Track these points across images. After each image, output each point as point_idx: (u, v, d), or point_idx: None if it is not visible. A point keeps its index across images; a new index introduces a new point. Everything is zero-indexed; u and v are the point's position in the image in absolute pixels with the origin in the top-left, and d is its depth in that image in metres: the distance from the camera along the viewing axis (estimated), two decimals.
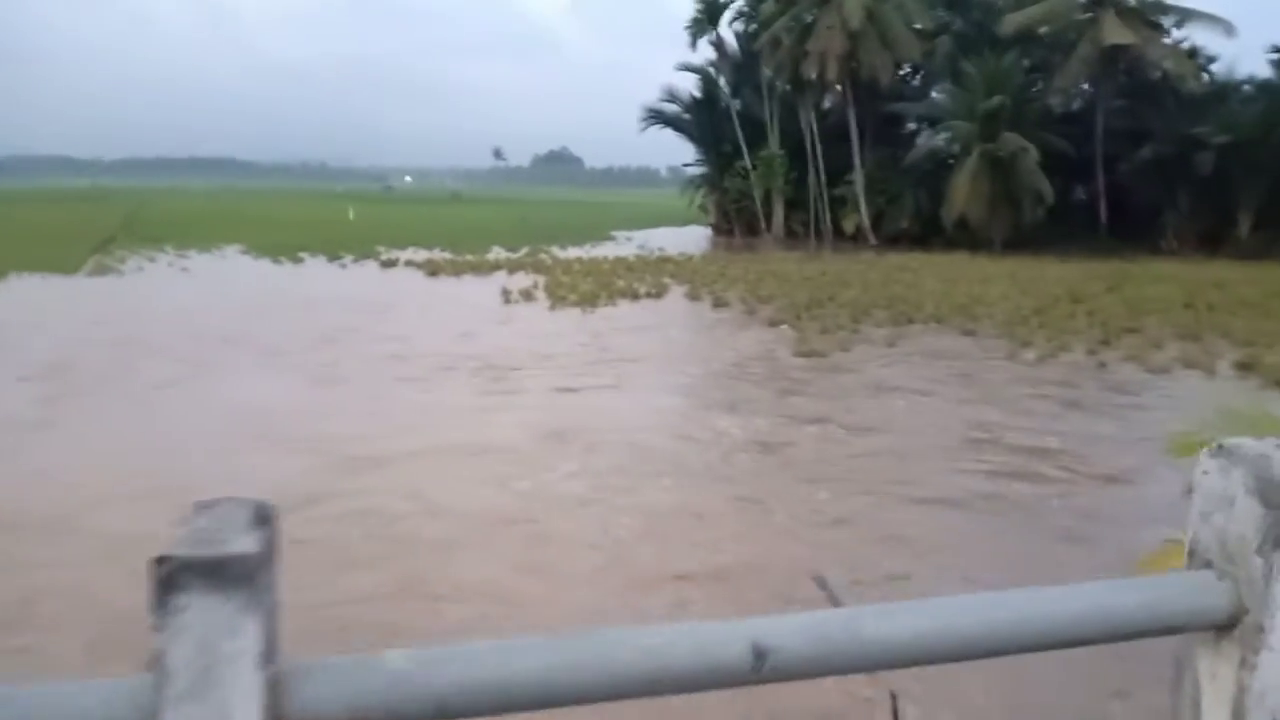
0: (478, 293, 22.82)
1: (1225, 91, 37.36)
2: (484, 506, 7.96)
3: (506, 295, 21.39)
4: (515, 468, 8.95)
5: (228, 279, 25.84)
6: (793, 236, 44.75)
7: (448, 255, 32.76)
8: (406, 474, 8.75)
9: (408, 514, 7.71)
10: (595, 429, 10.43)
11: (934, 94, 42.64)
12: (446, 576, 6.55)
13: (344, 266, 29.60)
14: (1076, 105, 40.69)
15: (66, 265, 26.26)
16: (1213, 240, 35.90)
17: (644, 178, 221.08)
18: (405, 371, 13.42)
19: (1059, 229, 38.09)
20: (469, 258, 31.65)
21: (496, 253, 34.53)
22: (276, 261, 30.44)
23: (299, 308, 19.95)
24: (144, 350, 14.51)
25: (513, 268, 28.48)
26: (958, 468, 9.21)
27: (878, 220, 41.67)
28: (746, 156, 44.92)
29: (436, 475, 8.76)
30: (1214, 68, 39.01)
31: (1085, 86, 39.89)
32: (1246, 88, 37.54)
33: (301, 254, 32.08)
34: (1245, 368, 13.53)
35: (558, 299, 21.03)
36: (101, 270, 26.57)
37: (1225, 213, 36.05)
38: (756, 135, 44.61)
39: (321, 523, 7.22)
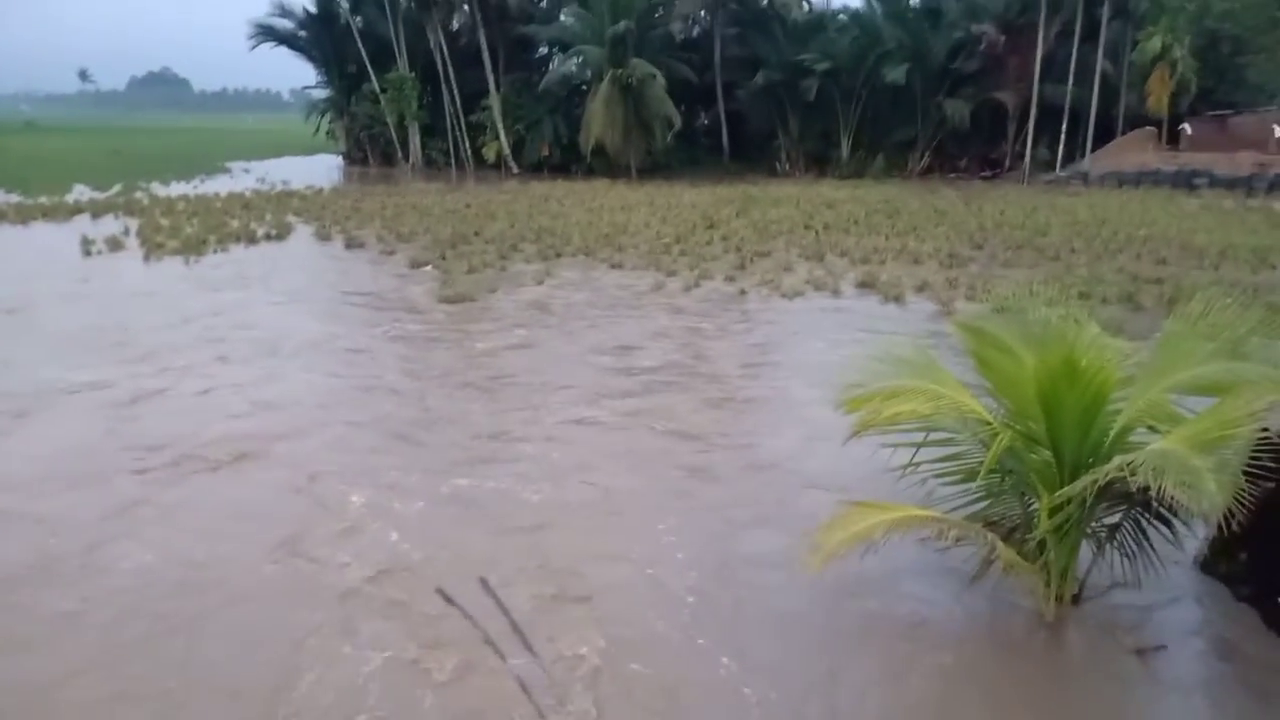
0: (50, 243, 18.90)
1: (824, 21, 40.55)
2: None
3: (87, 245, 17.83)
4: None
5: None
6: (433, 165, 42.75)
7: (15, 198, 27.18)
8: None
9: None
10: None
11: (563, 17, 42.13)
12: None
13: None
14: (696, 33, 42.26)
15: None
16: (820, 161, 39.27)
17: (264, 101, 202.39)
18: None
19: (688, 154, 39.75)
20: (43, 200, 26.41)
21: (80, 193, 29.22)
22: None
23: None
24: None
25: (99, 211, 24.05)
26: (599, 383, 8.81)
27: (518, 148, 40.88)
28: (374, 79, 41.80)
29: None
30: None
31: (703, 14, 41.45)
32: (842, 17, 41.04)
33: None
34: (865, 286, 14.40)
35: (154, 246, 17.86)
36: None
37: (829, 135, 39.51)
38: (384, 56, 41.59)
39: None
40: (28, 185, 30.60)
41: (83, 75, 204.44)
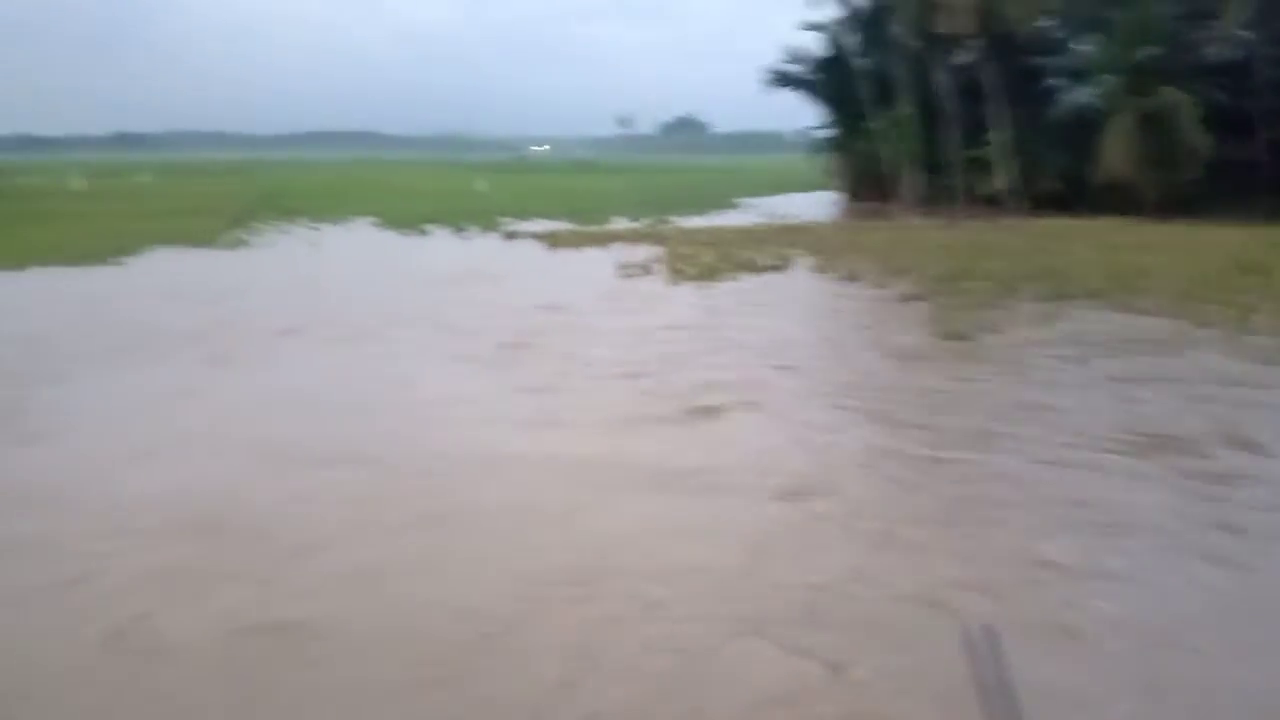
0: (594, 266, 22.59)
1: None
2: None
3: (623, 269, 21.10)
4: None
5: (351, 253, 27.18)
6: (927, 201, 42.84)
7: (571, 226, 32.68)
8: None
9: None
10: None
11: (1075, 46, 39.83)
12: None
13: (467, 239, 29.89)
14: (1233, 54, 37.37)
15: (204, 238, 28.17)
16: None
17: (768, 142, 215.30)
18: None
19: (1214, 189, 35.19)
20: (591, 229, 31.46)
21: (619, 223, 34.24)
22: (403, 234, 31.09)
23: (410, 281, 20.89)
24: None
25: (633, 239, 28.09)
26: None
27: (1018, 183, 39.46)
28: (875, 118, 43.10)
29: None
30: None
31: (1244, 33, 36.54)
32: None
33: (428, 226, 32.61)
34: None
35: (676, 272, 20.54)
36: (235, 243, 27.82)
37: None
38: (886, 95, 42.73)
39: None
40: (582, 215, 36.58)
41: (622, 121, 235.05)
